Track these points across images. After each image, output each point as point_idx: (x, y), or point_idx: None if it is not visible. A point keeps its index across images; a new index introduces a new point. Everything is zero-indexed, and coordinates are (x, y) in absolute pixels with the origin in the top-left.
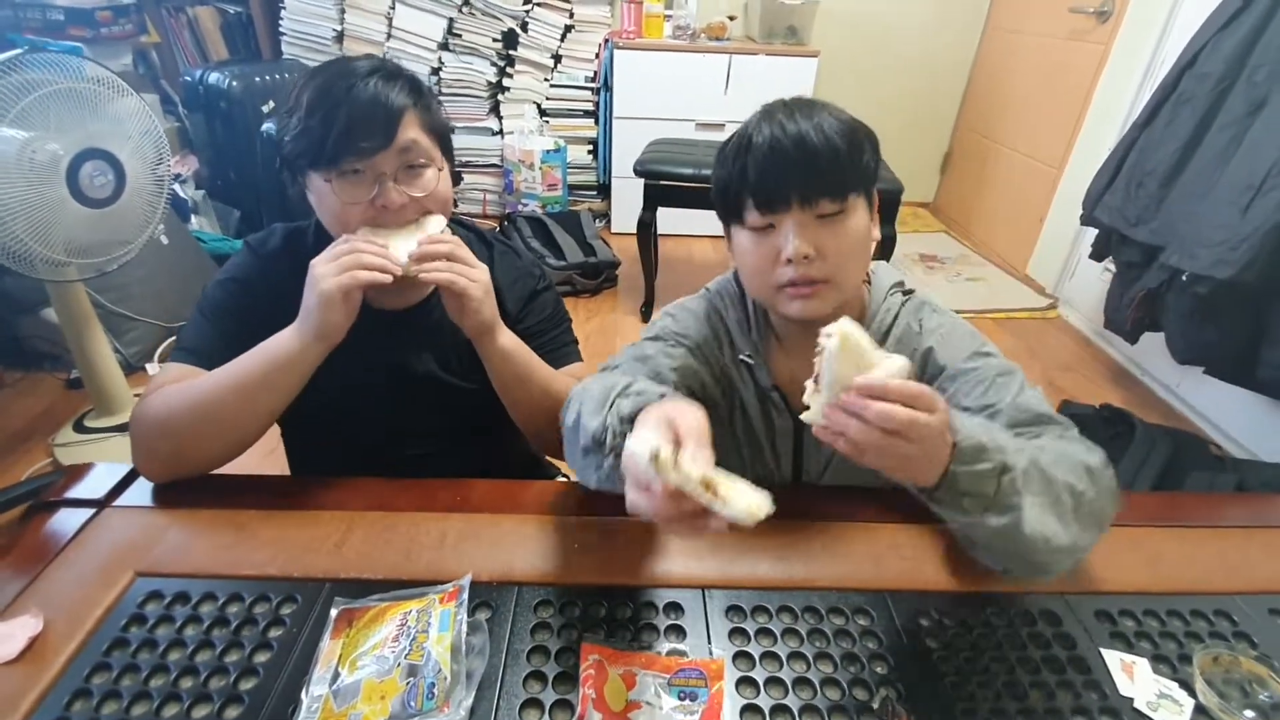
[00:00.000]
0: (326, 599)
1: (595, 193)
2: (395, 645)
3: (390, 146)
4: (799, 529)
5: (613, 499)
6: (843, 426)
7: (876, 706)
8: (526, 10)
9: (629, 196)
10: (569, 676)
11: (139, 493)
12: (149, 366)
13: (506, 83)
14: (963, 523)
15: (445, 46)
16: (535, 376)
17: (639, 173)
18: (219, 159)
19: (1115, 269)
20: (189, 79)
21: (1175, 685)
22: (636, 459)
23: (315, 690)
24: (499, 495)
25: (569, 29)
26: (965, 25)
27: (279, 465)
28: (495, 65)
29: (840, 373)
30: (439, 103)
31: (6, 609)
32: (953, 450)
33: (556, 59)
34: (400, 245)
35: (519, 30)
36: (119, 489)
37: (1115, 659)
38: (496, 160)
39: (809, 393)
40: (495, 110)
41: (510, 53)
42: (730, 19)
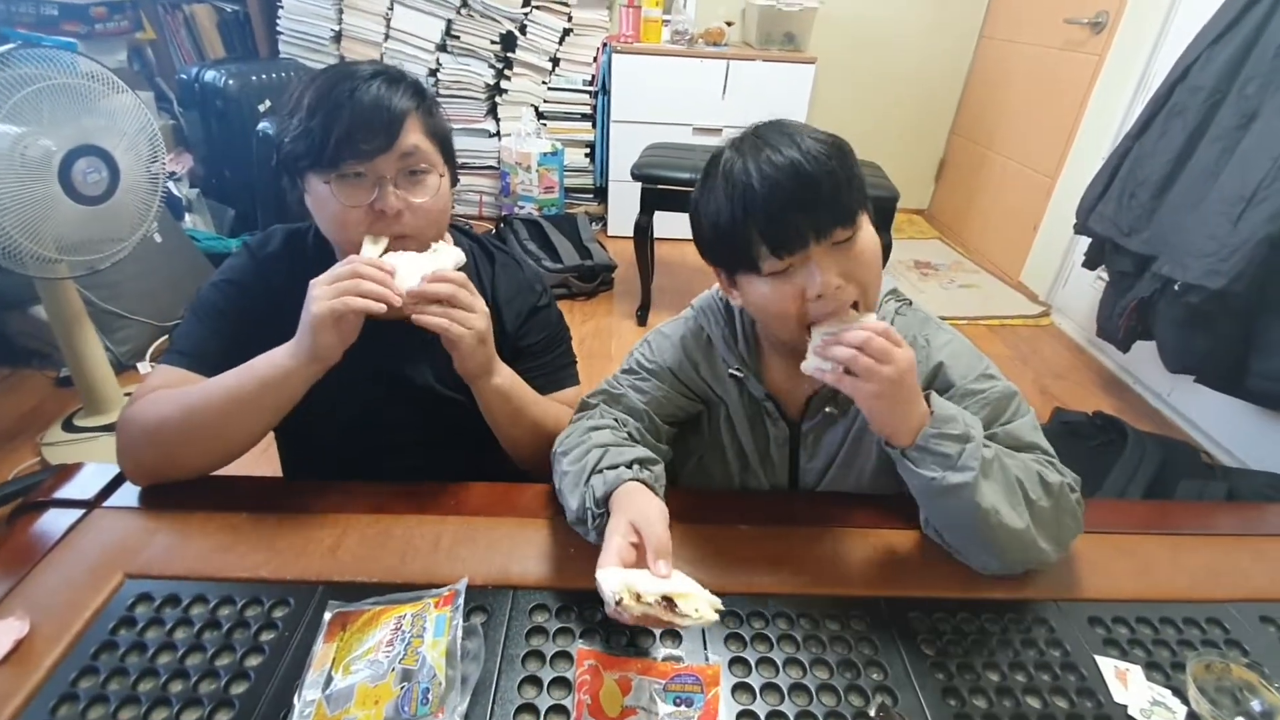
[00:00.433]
0: (320, 602)
1: (592, 196)
2: (390, 649)
3: (392, 150)
4: (795, 535)
5: None
6: (835, 355)
7: (873, 713)
8: (525, 13)
9: (626, 200)
10: (564, 681)
11: (129, 493)
12: (140, 365)
13: (504, 85)
14: (929, 479)
15: (443, 48)
16: (527, 415)
17: (636, 176)
18: (214, 157)
19: (1108, 278)
20: (185, 76)
21: (1168, 693)
22: (605, 597)
23: (308, 695)
24: (495, 499)
25: (567, 32)
26: (961, 34)
27: (272, 464)
28: (493, 67)
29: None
30: (441, 108)
31: None
32: (930, 416)
33: (554, 62)
34: (407, 272)
35: (517, 33)
36: (109, 489)
37: (1109, 666)
38: (493, 162)
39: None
40: (493, 112)
41: (508, 55)
42: (728, 25)
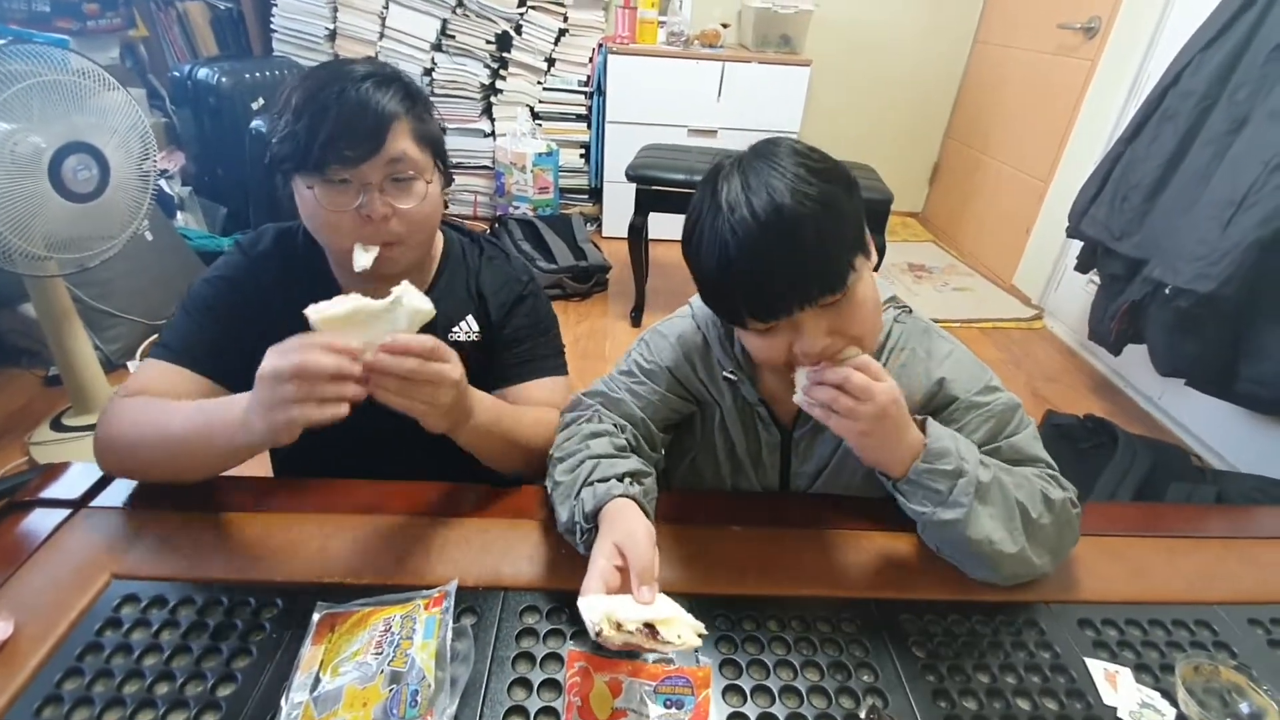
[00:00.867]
0: (309, 603)
1: (587, 196)
2: (378, 651)
3: (377, 156)
4: (786, 537)
5: None
6: (817, 397)
7: (863, 715)
8: (520, 13)
9: (620, 201)
10: (555, 684)
11: (116, 493)
12: (130, 364)
13: (499, 85)
14: (919, 513)
15: (438, 47)
16: (510, 446)
17: (631, 177)
18: (206, 155)
19: (1100, 281)
20: (177, 74)
21: (1157, 695)
22: (588, 625)
23: (295, 697)
24: (486, 499)
25: (563, 33)
26: (955, 38)
27: (262, 463)
28: (488, 67)
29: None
30: (434, 110)
31: None
32: (924, 449)
33: (550, 62)
34: (372, 336)
35: (513, 33)
36: (96, 489)
37: (1099, 668)
38: (488, 162)
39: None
40: (488, 112)
41: (504, 55)
42: (724, 26)
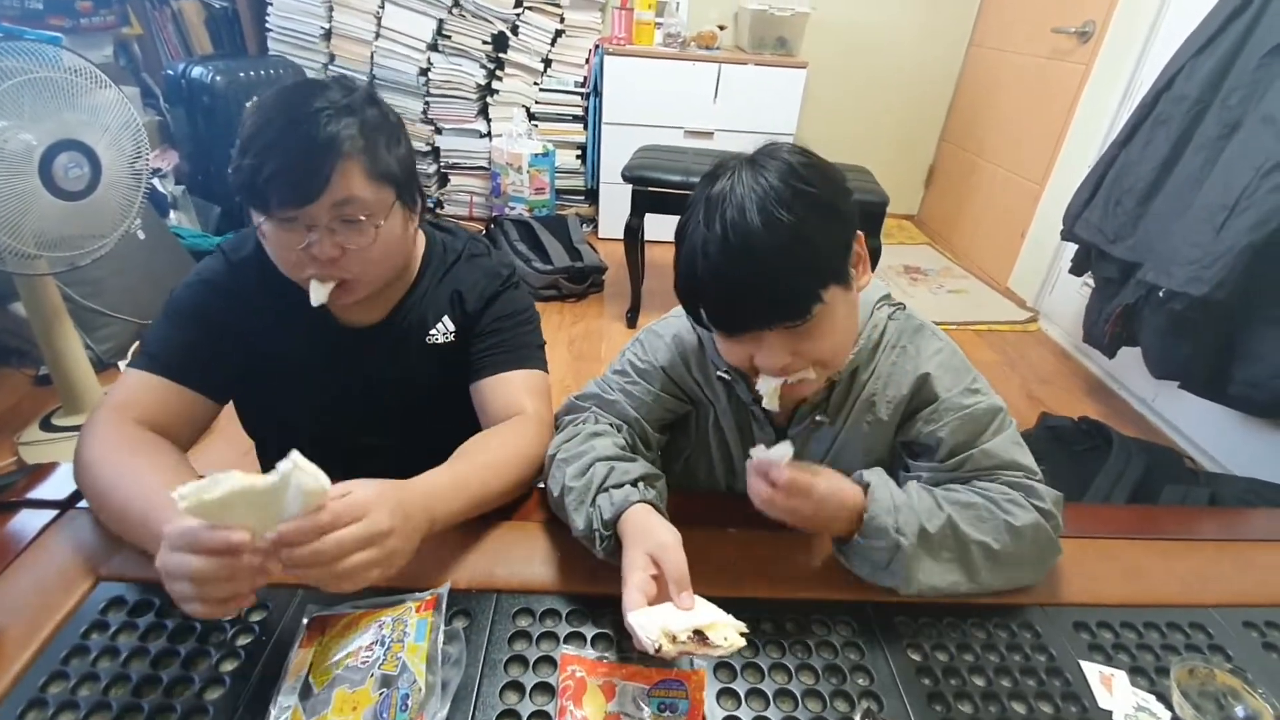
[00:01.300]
0: (298, 606)
1: (583, 198)
2: (369, 654)
3: (322, 199)
4: (781, 539)
5: None
6: (756, 494)
7: (858, 718)
8: (517, 14)
9: (617, 202)
10: (547, 687)
11: None
12: (121, 364)
13: (495, 85)
14: (862, 575)
15: (434, 47)
16: (490, 500)
17: (627, 179)
18: (200, 154)
19: (1094, 284)
20: (171, 72)
21: (1153, 698)
22: (645, 644)
23: (284, 701)
24: None
25: (559, 34)
26: (951, 42)
27: (252, 468)
28: (485, 68)
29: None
30: (403, 139)
31: None
32: (861, 522)
33: (546, 63)
34: (260, 521)
35: (509, 33)
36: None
37: (1094, 671)
38: (484, 163)
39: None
40: (484, 113)
41: (500, 55)
42: (720, 28)
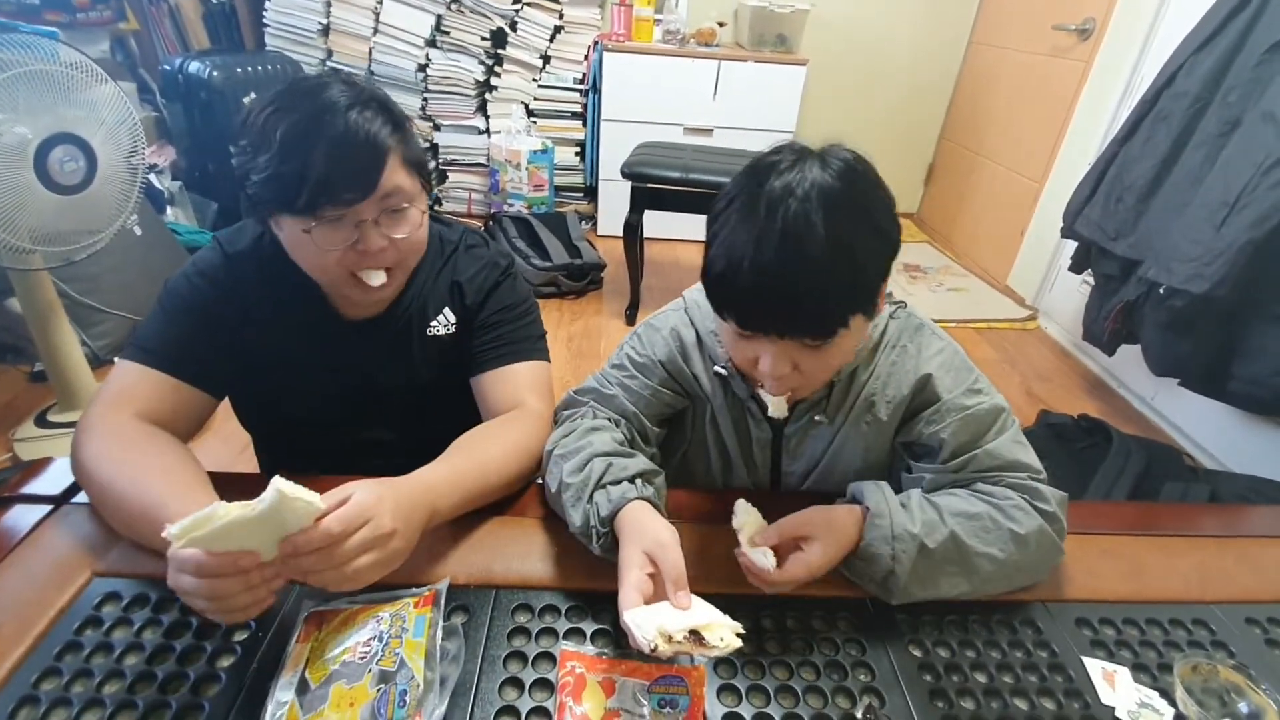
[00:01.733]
0: (295, 601)
1: (582, 194)
2: (367, 650)
3: (373, 195)
4: None
5: None
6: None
7: (859, 715)
8: (516, 9)
9: (616, 199)
10: (547, 683)
11: None
12: (117, 360)
13: (494, 82)
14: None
15: (433, 43)
16: (488, 494)
17: (626, 175)
18: (197, 150)
19: (1094, 281)
20: (168, 68)
21: (1156, 694)
22: (640, 643)
23: (280, 696)
24: None
25: (558, 30)
26: (951, 39)
27: (250, 466)
28: (483, 64)
29: (748, 533)
30: (413, 126)
31: None
32: (857, 544)
33: (545, 60)
34: (257, 543)
35: (508, 29)
36: (78, 485)
37: (1097, 667)
38: (483, 160)
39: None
40: (482, 109)
41: (499, 52)
42: (720, 25)
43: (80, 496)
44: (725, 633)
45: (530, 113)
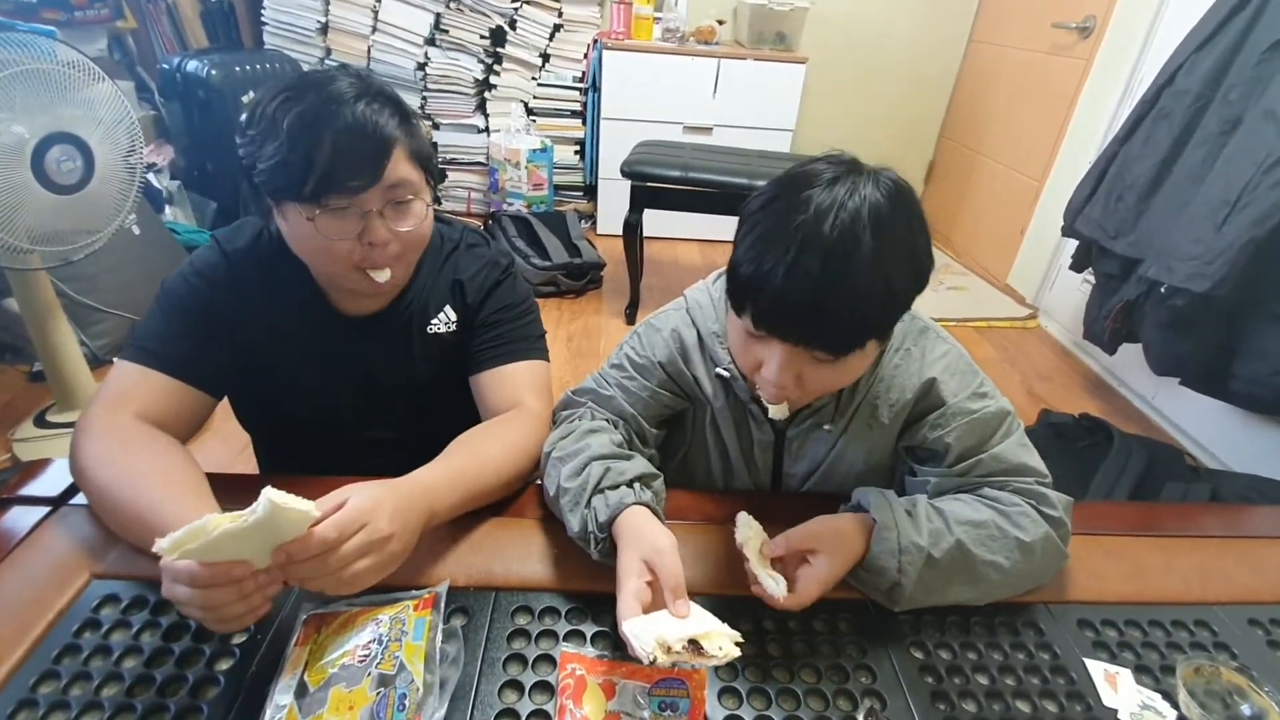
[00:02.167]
0: (294, 604)
1: (581, 193)
2: (366, 653)
3: (379, 184)
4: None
5: None
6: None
7: (861, 717)
8: (515, 8)
9: (615, 198)
10: (547, 686)
11: None
12: (116, 361)
13: (493, 80)
14: (873, 595)
15: (432, 42)
16: (486, 494)
17: (626, 174)
18: (196, 149)
19: (1095, 280)
20: (166, 66)
21: (1158, 696)
22: (639, 654)
23: (279, 700)
24: None
25: (558, 28)
26: (950, 37)
27: (249, 466)
28: (482, 62)
29: (754, 547)
30: (419, 121)
31: None
32: (864, 556)
33: (545, 58)
34: (250, 552)
35: (507, 28)
36: (77, 486)
37: (1099, 669)
38: (482, 159)
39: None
40: (481, 108)
41: (498, 50)
42: (720, 23)
43: (79, 498)
44: (724, 641)
45: (530, 111)
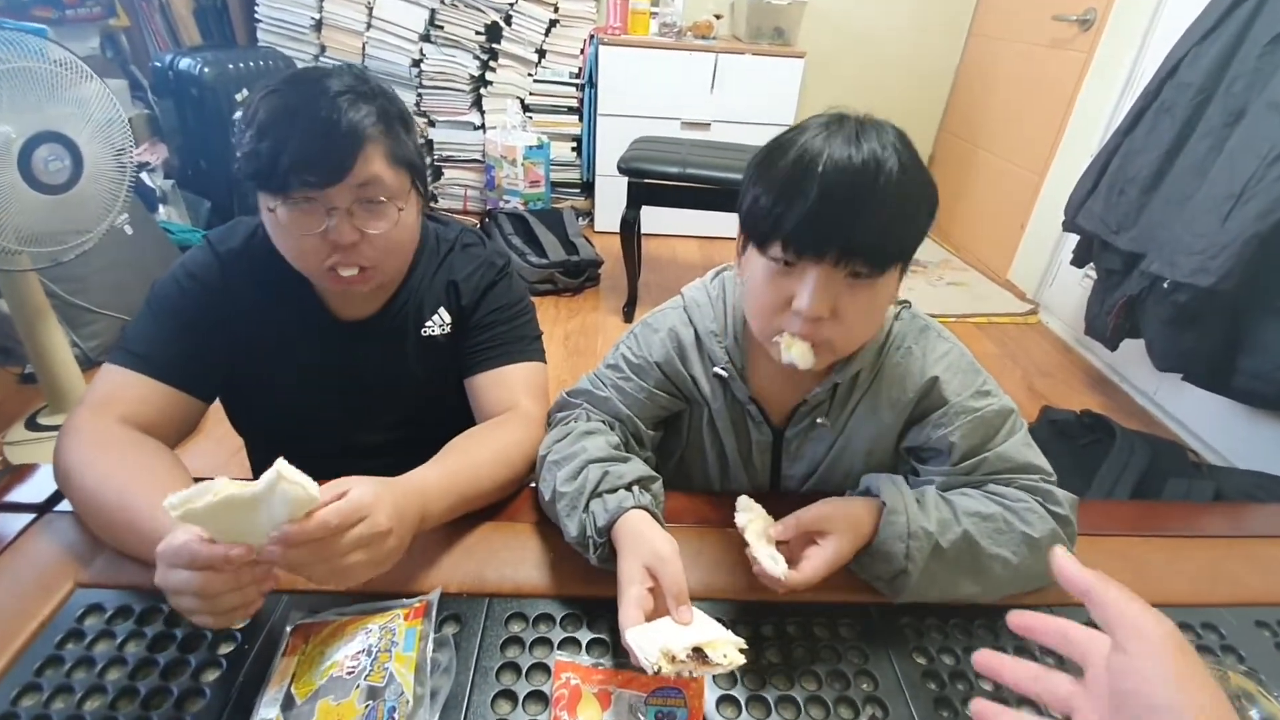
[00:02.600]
0: (282, 613)
1: (579, 190)
2: (355, 664)
3: (345, 180)
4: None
5: None
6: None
7: None
8: (510, 3)
9: (613, 195)
10: (541, 696)
11: None
12: (104, 364)
13: (489, 76)
14: (875, 582)
15: (427, 38)
16: (480, 498)
17: (623, 170)
18: (189, 148)
19: (1096, 275)
20: (159, 64)
21: None
22: (642, 663)
23: (265, 713)
24: None
25: (553, 23)
26: (950, 31)
27: (243, 469)
28: (478, 58)
29: (756, 529)
30: (415, 130)
31: None
32: (869, 542)
33: (540, 54)
34: (249, 528)
35: (502, 23)
36: (62, 493)
37: None
38: (478, 156)
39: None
40: (477, 104)
41: (493, 46)
42: (717, 18)
43: (64, 504)
44: (729, 649)
45: (526, 108)
